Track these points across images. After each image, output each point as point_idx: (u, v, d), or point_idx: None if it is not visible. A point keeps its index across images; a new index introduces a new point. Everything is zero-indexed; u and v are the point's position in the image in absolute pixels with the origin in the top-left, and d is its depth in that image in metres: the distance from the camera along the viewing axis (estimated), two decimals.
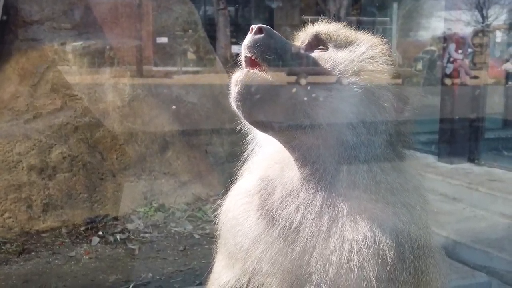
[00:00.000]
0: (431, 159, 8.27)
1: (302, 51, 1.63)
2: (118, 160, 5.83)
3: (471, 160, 8.12)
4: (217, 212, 1.86)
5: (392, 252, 1.44)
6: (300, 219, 1.54)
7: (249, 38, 1.54)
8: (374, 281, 1.42)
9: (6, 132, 5.47)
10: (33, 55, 5.96)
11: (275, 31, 1.58)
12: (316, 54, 1.63)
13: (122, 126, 5.95)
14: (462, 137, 8.41)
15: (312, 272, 1.49)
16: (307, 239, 1.51)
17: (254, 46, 1.52)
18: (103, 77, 6.10)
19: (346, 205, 1.50)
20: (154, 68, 6.73)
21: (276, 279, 1.58)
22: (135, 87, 6.20)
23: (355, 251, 1.44)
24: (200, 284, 4.44)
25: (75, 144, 5.60)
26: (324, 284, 1.46)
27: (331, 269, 1.46)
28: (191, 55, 7.37)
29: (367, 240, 1.44)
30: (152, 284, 4.47)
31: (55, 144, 5.51)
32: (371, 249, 1.43)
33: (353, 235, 1.46)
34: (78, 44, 5.99)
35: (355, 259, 1.43)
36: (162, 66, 6.91)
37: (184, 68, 7.21)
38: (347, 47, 1.61)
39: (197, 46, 7.36)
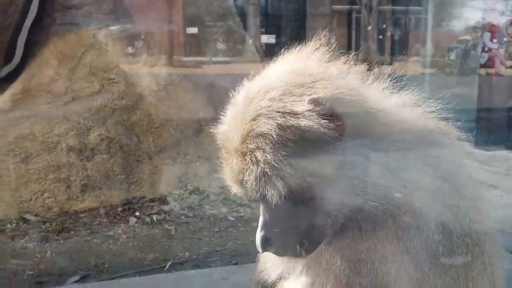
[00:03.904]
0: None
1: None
2: (154, 143, 5.89)
3: (509, 147, 7.97)
4: None
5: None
6: None
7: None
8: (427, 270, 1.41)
9: (45, 114, 5.57)
10: (71, 39, 6.05)
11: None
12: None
13: (157, 110, 6.01)
14: (499, 125, 8.28)
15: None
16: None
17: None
18: (139, 61, 6.16)
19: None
20: (189, 53, 6.77)
21: None
22: (171, 72, 6.25)
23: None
24: (236, 264, 4.47)
25: (112, 126, 5.67)
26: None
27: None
28: (224, 42, 7.39)
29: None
30: (189, 263, 4.51)
31: (93, 126, 5.59)
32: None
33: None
34: (115, 28, 6.06)
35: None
36: (196, 52, 6.95)
37: (218, 54, 7.24)
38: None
39: (231, 32, 7.37)
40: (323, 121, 1.33)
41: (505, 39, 10.72)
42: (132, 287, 3.88)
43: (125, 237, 4.97)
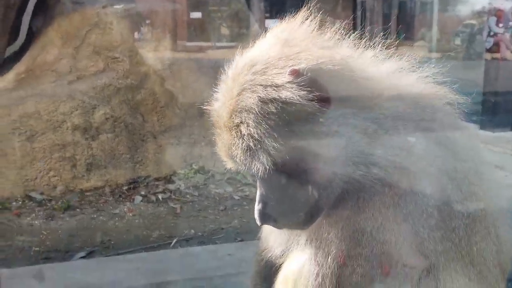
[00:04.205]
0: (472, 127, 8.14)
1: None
2: (159, 122, 5.88)
3: None
4: None
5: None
6: None
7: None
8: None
9: (50, 93, 5.56)
10: (75, 18, 6.01)
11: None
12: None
13: (162, 89, 5.99)
14: (504, 108, 8.28)
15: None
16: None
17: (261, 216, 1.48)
18: (143, 40, 6.14)
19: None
20: (194, 33, 6.73)
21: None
22: (175, 51, 6.22)
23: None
24: (242, 240, 4.48)
25: (117, 106, 5.66)
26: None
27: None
28: (230, 23, 7.35)
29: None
30: (195, 240, 4.53)
31: (98, 105, 5.58)
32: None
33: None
34: (119, 7, 6.03)
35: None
36: (202, 31, 6.91)
37: (222, 34, 7.20)
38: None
39: (237, 14, 7.32)
40: (303, 92, 1.31)
41: (510, 23, 10.64)
42: (138, 262, 3.89)
43: (130, 215, 4.99)
